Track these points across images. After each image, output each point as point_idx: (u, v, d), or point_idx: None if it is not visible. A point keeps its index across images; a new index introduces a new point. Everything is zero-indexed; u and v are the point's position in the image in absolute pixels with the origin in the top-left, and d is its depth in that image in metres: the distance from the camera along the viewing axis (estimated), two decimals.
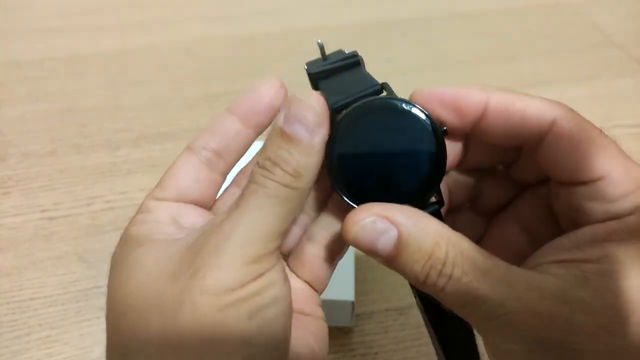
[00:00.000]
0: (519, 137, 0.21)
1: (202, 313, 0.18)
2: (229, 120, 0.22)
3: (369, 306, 0.38)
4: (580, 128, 0.21)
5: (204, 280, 0.18)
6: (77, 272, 0.40)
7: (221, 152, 0.22)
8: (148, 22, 0.71)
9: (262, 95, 0.22)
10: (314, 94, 0.21)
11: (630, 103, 0.57)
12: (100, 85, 0.60)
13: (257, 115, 0.22)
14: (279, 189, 0.19)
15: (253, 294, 0.18)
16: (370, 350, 0.36)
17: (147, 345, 0.18)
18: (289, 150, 0.20)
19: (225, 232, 0.19)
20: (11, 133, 0.53)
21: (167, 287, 0.18)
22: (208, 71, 0.62)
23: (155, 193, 0.22)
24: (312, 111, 0.20)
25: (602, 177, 0.20)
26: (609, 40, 0.68)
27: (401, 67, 0.63)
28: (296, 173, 0.20)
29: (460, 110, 0.22)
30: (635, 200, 0.19)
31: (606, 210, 0.20)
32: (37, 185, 0.47)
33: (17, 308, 0.38)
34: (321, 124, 0.20)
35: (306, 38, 0.68)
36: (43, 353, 0.36)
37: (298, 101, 0.20)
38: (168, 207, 0.22)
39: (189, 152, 0.22)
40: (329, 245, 0.22)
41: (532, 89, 0.59)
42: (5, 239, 0.43)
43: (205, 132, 0.23)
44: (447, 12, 0.74)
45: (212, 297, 0.18)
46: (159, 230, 0.21)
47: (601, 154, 0.20)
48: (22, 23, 0.70)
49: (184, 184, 0.22)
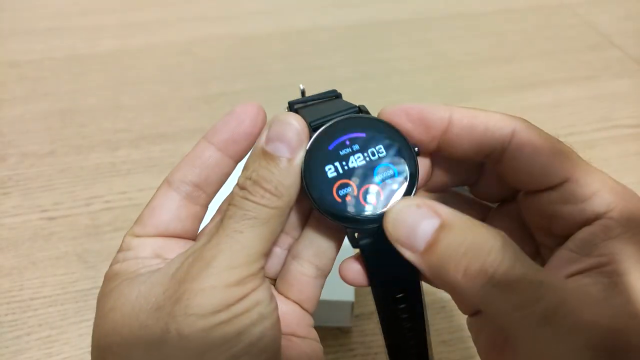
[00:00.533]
0: (484, 148, 0.22)
1: (188, 336, 0.18)
2: (207, 151, 0.22)
3: (369, 306, 0.38)
4: (539, 136, 0.21)
5: (189, 303, 0.18)
6: (77, 272, 0.41)
7: (201, 185, 0.22)
8: (148, 22, 0.71)
9: (241, 123, 0.22)
10: (294, 114, 0.21)
11: (629, 103, 0.57)
12: (100, 85, 0.60)
13: (235, 144, 0.22)
14: (259, 210, 0.19)
15: (239, 314, 0.18)
16: (370, 350, 0.36)
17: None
18: (269, 169, 0.20)
19: (206, 258, 0.19)
20: (11, 133, 0.53)
21: (151, 320, 0.18)
22: (208, 71, 0.62)
23: (135, 230, 0.22)
24: (292, 129, 0.20)
25: (568, 179, 0.20)
26: (608, 40, 0.68)
27: (400, 67, 0.63)
28: (277, 192, 0.20)
29: (426, 124, 0.22)
30: (606, 197, 0.20)
31: (581, 210, 0.20)
32: (36, 186, 0.47)
33: (17, 308, 0.38)
34: (302, 142, 0.20)
35: (305, 38, 0.68)
36: (43, 353, 0.36)
37: (279, 121, 0.20)
38: (149, 242, 0.21)
39: (167, 186, 0.22)
40: (315, 262, 0.22)
41: (531, 89, 0.59)
42: (5, 239, 0.43)
43: (183, 164, 0.22)
44: (447, 12, 0.74)
45: (197, 319, 0.18)
46: (142, 264, 0.21)
47: (562, 158, 0.21)
48: (22, 23, 0.70)
49: (164, 220, 0.22)
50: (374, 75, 0.62)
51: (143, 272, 0.20)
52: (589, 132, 0.53)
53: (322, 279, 0.23)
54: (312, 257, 0.22)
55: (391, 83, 0.60)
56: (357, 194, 0.21)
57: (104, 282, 0.21)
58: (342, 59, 0.64)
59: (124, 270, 0.20)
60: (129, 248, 0.21)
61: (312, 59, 0.64)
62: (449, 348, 0.36)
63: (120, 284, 0.20)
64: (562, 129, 0.54)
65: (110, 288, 0.20)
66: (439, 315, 0.38)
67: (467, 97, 0.59)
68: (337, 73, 0.61)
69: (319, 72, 0.61)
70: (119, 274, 0.20)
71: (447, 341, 0.37)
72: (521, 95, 0.59)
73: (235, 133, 0.22)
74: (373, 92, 0.58)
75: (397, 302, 0.21)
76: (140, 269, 0.20)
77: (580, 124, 0.54)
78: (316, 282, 0.23)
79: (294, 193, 0.20)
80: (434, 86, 0.60)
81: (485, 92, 0.60)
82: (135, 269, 0.20)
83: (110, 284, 0.20)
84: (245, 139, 0.22)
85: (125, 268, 0.21)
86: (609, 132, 0.53)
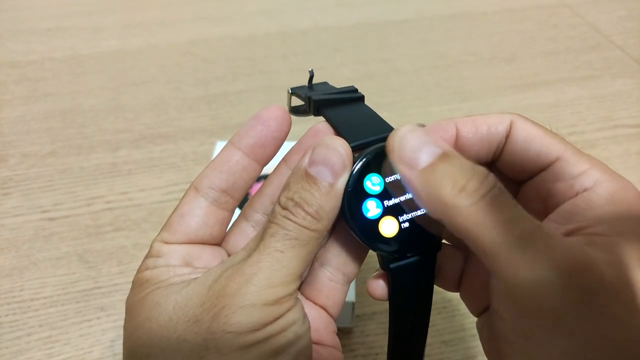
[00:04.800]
0: (490, 146, 0.23)
1: (226, 354, 0.18)
2: (234, 156, 0.22)
3: (370, 307, 0.38)
4: (532, 124, 0.22)
5: (227, 321, 0.18)
6: (78, 272, 0.40)
7: (228, 190, 0.22)
8: (148, 23, 0.71)
9: (267, 127, 0.22)
10: (339, 139, 0.21)
11: (630, 103, 0.57)
12: (100, 86, 0.60)
13: (263, 148, 0.22)
14: (300, 231, 0.20)
15: (275, 334, 0.19)
16: (371, 351, 0.36)
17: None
18: (312, 192, 0.20)
19: (246, 274, 0.19)
20: (11, 133, 0.53)
21: (189, 334, 0.19)
22: (208, 71, 0.62)
23: (164, 237, 0.22)
24: (337, 155, 0.20)
25: (559, 158, 0.21)
26: (609, 40, 0.68)
27: (400, 67, 0.63)
28: (317, 215, 0.20)
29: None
30: (594, 175, 0.21)
31: (570, 186, 0.21)
32: (37, 186, 0.47)
33: (17, 308, 0.38)
34: (345, 168, 0.20)
35: (306, 38, 0.68)
36: (43, 353, 0.36)
37: (324, 145, 0.21)
38: (178, 249, 0.22)
39: (195, 192, 0.22)
40: (343, 269, 0.23)
41: (531, 89, 0.59)
42: (6, 240, 0.43)
43: (210, 170, 0.22)
44: (447, 12, 0.74)
45: (236, 337, 0.18)
46: (173, 273, 0.21)
47: (554, 140, 0.22)
48: (22, 23, 0.70)
49: (193, 226, 0.22)
50: (375, 75, 0.62)
51: (175, 281, 0.20)
52: (590, 132, 0.53)
53: (348, 285, 0.23)
54: (340, 265, 0.23)
55: (392, 83, 0.60)
56: (396, 227, 0.22)
57: (134, 288, 0.21)
58: (342, 59, 0.64)
59: (155, 277, 0.21)
60: (159, 255, 0.21)
61: (312, 59, 0.64)
62: (450, 348, 0.36)
63: (152, 293, 0.20)
64: (563, 128, 0.53)
65: (142, 295, 0.20)
66: (440, 316, 0.38)
67: (468, 97, 0.59)
68: (338, 73, 0.61)
69: (320, 72, 0.60)
70: (150, 281, 0.20)
71: (448, 341, 0.37)
72: (522, 95, 0.59)
73: (262, 137, 0.22)
74: (374, 92, 0.58)
75: (410, 318, 0.23)
76: (172, 277, 0.20)
77: (581, 123, 0.54)
78: (343, 289, 0.23)
79: (333, 217, 0.21)
80: (435, 86, 0.60)
81: (486, 92, 0.60)
82: (167, 277, 0.20)
83: (141, 291, 0.20)
84: (273, 143, 0.22)
85: (157, 275, 0.21)
86: (610, 132, 0.53)
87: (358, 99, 0.25)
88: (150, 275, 0.21)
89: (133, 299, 0.21)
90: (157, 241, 0.22)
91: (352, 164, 0.21)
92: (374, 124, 0.23)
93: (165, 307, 0.19)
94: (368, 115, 0.24)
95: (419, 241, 0.22)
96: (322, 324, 0.23)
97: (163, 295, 0.20)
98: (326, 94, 0.26)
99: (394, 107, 0.57)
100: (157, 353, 0.19)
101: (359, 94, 0.26)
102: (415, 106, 0.57)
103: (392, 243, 0.21)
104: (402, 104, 0.58)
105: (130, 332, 0.20)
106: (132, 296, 0.21)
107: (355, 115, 0.24)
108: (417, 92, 0.59)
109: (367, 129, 0.22)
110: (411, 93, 0.59)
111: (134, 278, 0.21)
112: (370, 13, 0.73)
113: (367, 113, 0.24)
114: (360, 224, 0.21)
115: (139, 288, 0.21)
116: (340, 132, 0.22)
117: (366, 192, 0.21)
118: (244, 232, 0.24)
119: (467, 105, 0.57)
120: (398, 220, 0.22)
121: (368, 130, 0.22)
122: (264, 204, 0.23)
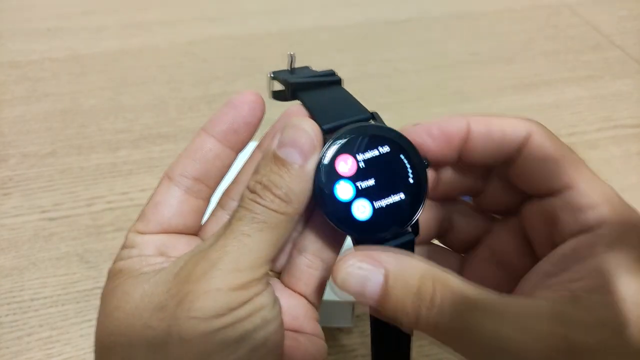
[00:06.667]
0: (502, 153, 0.22)
1: (190, 340, 0.18)
2: (207, 143, 0.22)
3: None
4: (551, 141, 0.21)
5: (192, 306, 0.18)
6: (78, 272, 0.40)
7: (202, 178, 0.22)
8: (148, 23, 0.71)
9: (239, 112, 0.22)
10: (309, 120, 0.21)
11: (631, 103, 0.57)
12: (100, 86, 0.60)
13: (235, 134, 0.22)
14: (269, 214, 0.19)
15: (241, 319, 0.18)
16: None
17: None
18: (280, 175, 0.19)
19: (212, 259, 0.19)
20: (11, 134, 0.53)
21: (154, 321, 0.18)
22: (208, 71, 0.62)
23: (137, 227, 0.21)
24: (306, 136, 0.20)
25: (571, 187, 0.21)
26: (609, 40, 0.68)
27: (400, 67, 0.63)
28: (287, 198, 0.19)
29: (447, 138, 0.22)
30: (603, 212, 0.20)
31: (575, 219, 0.20)
32: (37, 186, 0.47)
33: (17, 309, 0.38)
34: (315, 150, 0.20)
35: (306, 38, 0.68)
36: (44, 354, 0.36)
37: (292, 125, 0.20)
38: (153, 239, 0.21)
39: (168, 181, 0.22)
40: (321, 255, 0.22)
41: (532, 89, 0.59)
42: (6, 240, 0.43)
43: (183, 158, 0.22)
44: (447, 12, 0.74)
45: (200, 322, 0.18)
46: (146, 262, 0.20)
47: (571, 166, 0.21)
48: (22, 23, 0.70)
49: (167, 216, 0.21)
50: (376, 75, 0.61)
51: (147, 270, 0.20)
52: (591, 132, 0.53)
53: (327, 272, 0.23)
54: (318, 251, 0.22)
55: (393, 83, 0.60)
56: (369, 209, 0.21)
57: (108, 279, 0.21)
58: (342, 59, 0.64)
59: (128, 267, 0.20)
60: (132, 245, 0.21)
61: (313, 59, 0.64)
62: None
63: (123, 282, 0.20)
64: (563, 129, 0.53)
65: (113, 285, 0.20)
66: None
67: (469, 98, 0.59)
68: (338, 73, 0.61)
69: None
70: (122, 272, 0.20)
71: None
72: (522, 95, 0.59)
73: (234, 123, 0.22)
74: (374, 92, 0.58)
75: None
76: (144, 267, 0.20)
77: (581, 124, 0.54)
78: (322, 275, 0.23)
79: (304, 200, 0.20)
80: (436, 86, 0.60)
81: (486, 92, 0.60)
82: (139, 267, 0.20)
83: (113, 282, 0.20)
84: (246, 129, 0.22)
85: (129, 266, 0.20)
86: (610, 132, 0.53)
87: (335, 82, 0.25)
88: (123, 265, 0.20)
89: (105, 290, 0.20)
90: (131, 232, 0.22)
91: (322, 145, 0.20)
92: (348, 106, 0.23)
93: (133, 296, 0.19)
94: (343, 98, 0.24)
95: (394, 225, 0.21)
96: (301, 311, 0.22)
97: (132, 285, 0.19)
98: (304, 78, 0.25)
99: (394, 108, 0.57)
100: (123, 341, 0.19)
101: (336, 77, 0.25)
102: (416, 106, 0.57)
103: (366, 226, 0.21)
104: (403, 104, 0.58)
105: (100, 322, 0.20)
106: (105, 288, 0.21)
107: (330, 99, 0.23)
108: (418, 92, 0.59)
109: (342, 112, 0.22)
110: (411, 93, 0.59)
111: (109, 269, 0.21)
112: (370, 13, 0.73)
113: (343, 96, 0.24)
114: (332, 207, 0.20)
115: (112, 279, 0.20)
116: (314, 114, 0.22)
117: (338, 174, 0.20)
118: (221, 220, 0.23)
119: (467, 106, 0.57)
120: (372, 203, 0.21)
121: (343, 113, 0.22)
122: (240, 191, 0.23)
